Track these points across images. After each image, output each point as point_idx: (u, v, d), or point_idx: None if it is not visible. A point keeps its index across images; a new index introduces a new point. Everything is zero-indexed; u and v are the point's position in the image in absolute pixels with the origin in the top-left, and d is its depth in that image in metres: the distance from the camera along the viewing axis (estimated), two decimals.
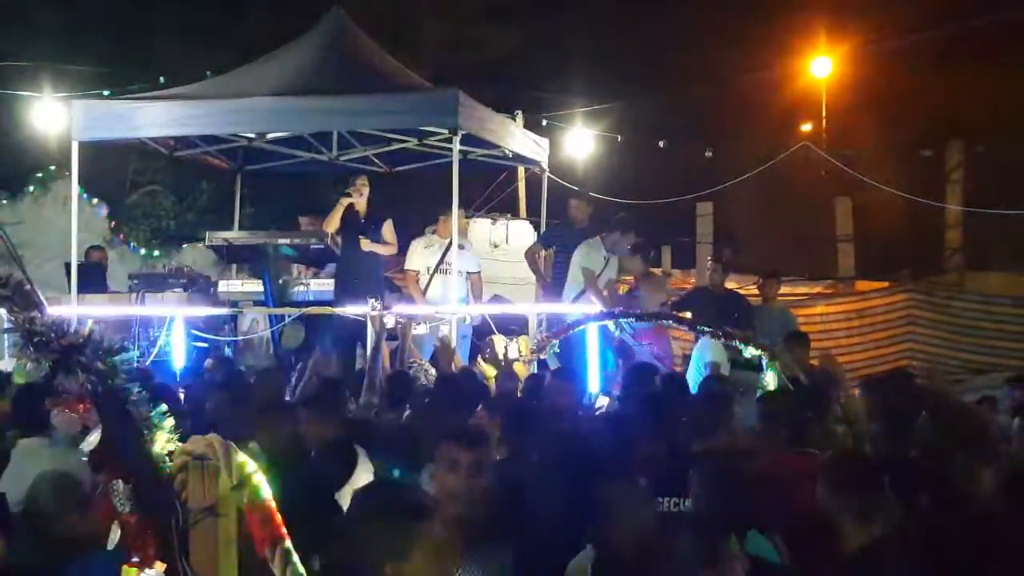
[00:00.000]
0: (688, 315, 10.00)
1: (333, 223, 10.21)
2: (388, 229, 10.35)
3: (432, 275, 10.58)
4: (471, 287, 10.76)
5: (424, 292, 10.57)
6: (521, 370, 8.46)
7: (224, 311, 10.48)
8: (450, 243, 10.24)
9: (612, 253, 10.47)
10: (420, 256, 10.73)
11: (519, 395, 7.25)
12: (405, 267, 10.87)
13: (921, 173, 19.25)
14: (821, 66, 24.63)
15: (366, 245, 10.12)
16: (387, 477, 4.87)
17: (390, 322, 8.59)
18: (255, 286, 10.56)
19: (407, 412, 6.63)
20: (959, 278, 17.18)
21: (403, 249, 10.77)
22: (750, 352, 8.40)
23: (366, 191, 10.25)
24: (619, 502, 4.04)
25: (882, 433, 5.61)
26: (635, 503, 4.10)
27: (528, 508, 4.34)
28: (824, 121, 25.13)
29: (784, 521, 4.29)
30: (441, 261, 10.51)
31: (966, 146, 18.17)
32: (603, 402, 7.98)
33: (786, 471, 4.92)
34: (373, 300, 8.47)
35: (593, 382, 8.44)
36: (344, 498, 4.36)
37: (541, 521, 4.31)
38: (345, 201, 10.14)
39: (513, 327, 10.54)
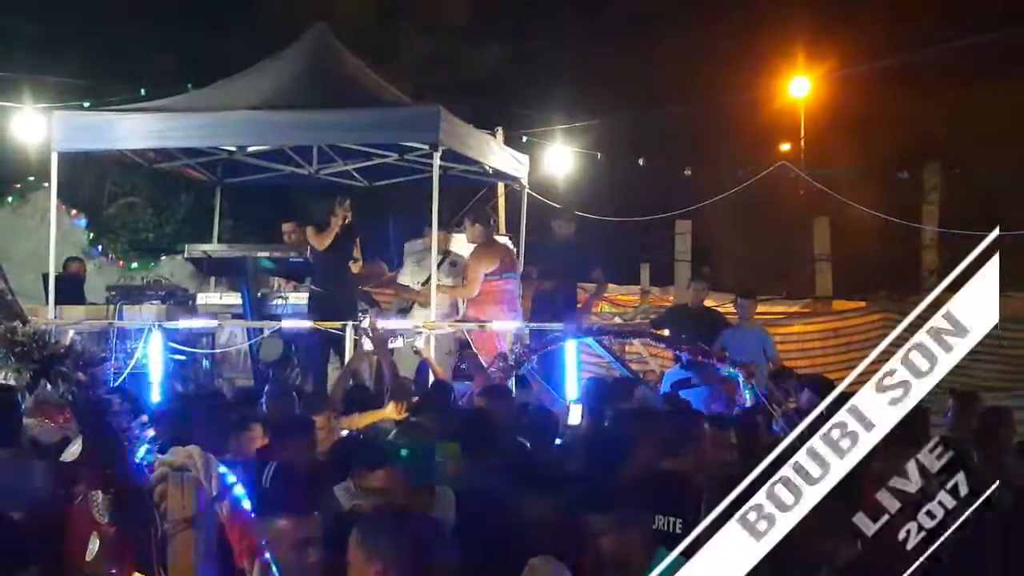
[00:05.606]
0: (666, 332, 10.10)
1: (326, 242, 10.04)
2: (355, 247, 10.40)
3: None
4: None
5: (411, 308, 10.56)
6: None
7: (202, 323, 10.44)
8: (443, 259, 10.35)
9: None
10: (411, 274, 10.96)
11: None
12: (398, 281, 11.18)
13: (898, 194, 19.39)
14: (799, 86, 24.83)
15: (356, 268, 10.29)
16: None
17: (367, 345, 8.57)
18: (234, 299, 10.52)
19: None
20: (935, 299, 17.28)
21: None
22: (726, 371, 8.46)
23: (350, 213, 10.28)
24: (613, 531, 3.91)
25: None
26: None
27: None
28: (802, 141, 25.31)
29: None
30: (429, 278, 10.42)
31: (943, 168, 18.33)
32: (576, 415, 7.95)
33: None
34: (367, 313, 8.51)
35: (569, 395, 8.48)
36: None
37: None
38: (341, 223, 10.12)
39: None
